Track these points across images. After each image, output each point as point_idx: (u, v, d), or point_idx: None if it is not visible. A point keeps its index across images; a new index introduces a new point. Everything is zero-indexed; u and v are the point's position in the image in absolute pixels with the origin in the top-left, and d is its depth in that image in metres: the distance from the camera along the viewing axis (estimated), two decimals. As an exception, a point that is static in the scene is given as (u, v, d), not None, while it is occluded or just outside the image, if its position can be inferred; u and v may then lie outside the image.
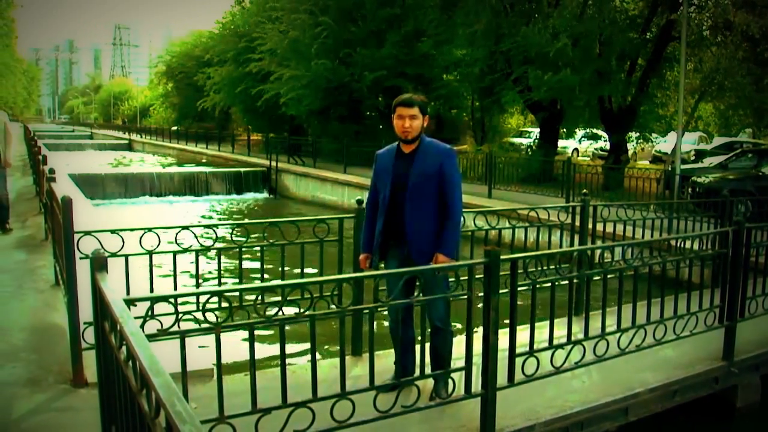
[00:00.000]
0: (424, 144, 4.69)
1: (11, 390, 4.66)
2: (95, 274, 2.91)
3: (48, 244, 9.12)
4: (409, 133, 4.60)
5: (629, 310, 5.14)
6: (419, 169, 4.59)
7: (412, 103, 4.62)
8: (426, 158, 4.62)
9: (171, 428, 1.69)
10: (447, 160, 4.63)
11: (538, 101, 20.45)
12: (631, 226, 8.03)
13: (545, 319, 4.89)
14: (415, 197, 4.57)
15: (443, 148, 4.71)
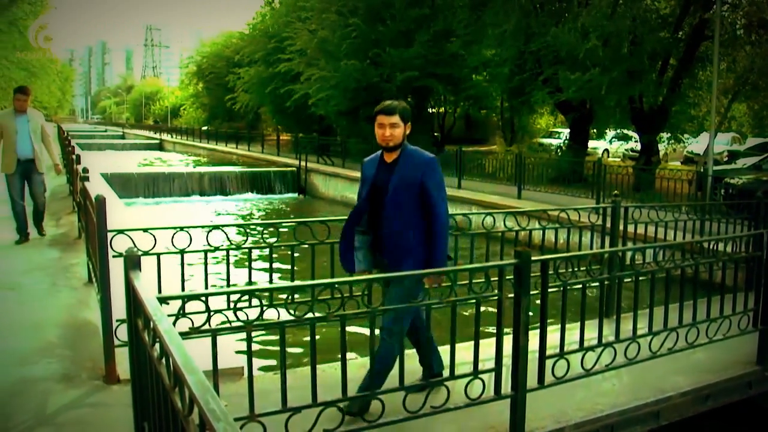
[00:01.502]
0: (405, 153, 4.53)
1: (46, 385, 4.73)
2: (129, 272, 2.94)
3: (81, 243, 9.24)
4: (390, 140, 4.46)
5: (661, 313, 5.09)
6: (398, 179, 4.45)
7: (392, 111, 4.45)
8: (407, 168, 4.47)
9: (204, 426, 1.70)
10: (429, 171, 4.45)
11: (567, 101, 20.32)
12: (662, 227, 7.94)
13: (575, 320, 4.87)
14: (392, 207, 4.44)
15: (426, 158, 4.51)
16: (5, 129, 9.38)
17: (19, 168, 9.46)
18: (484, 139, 39.46)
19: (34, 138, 9.49)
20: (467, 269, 4.26)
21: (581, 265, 5.44)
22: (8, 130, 9.37)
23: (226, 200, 24.65)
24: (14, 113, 9.47)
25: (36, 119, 9.68)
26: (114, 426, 4.15)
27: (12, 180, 9.51)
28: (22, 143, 9.39)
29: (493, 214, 6.41)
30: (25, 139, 9.41)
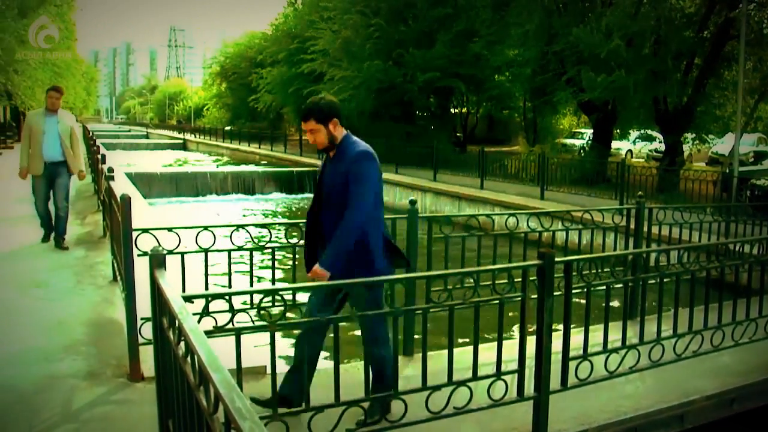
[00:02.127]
0: (340, 148, 4.31)
1: (72, 382, 4.78)
2: (154, 270, 2.96)
3: (106, 241, 9.32)
4: (317, 145, 4.34)
5: (686, 315, 5.05)
6: (330, 177, 4.30)
7: (306, 117, 4.30)
8: (338, 163, 4.27)
9: (230, 424, 1.71)
10: (353, 166, 4.18)
11: (591, 102, 20.21)
12: (687, 229, 7.88)
13: (599, 322, 4.84)
14: (327, 207, 4.31)
15: (353, 152, 4.24)
16: (33, 129, 9.00)
17: (45, 171, 9.07)
18: (506, 139, 39.35)
19: (64, 140, 9.07)
20: (490, 270, 4.24)
21: (605, 267, 5.41)
22: (36, 131, 8.99)
23: (248, 200, 24.76)
24: (45, 113, 9.07)
25: (66, 121, 9.25)
26: (138, 423, 4.18)
27: (37, 184, 9.21)
28: (49, 145, 8.98)
29: (516, 214, 6.38)
30: (53, 140, 9.00)
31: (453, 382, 3.94)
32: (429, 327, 4.12)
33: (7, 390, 4.62)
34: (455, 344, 4.06)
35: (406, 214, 5.67)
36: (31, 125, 9.05)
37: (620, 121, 22.68)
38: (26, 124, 9.27)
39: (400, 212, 5.91)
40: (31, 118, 9.24)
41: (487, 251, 6.46)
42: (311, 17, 34.20)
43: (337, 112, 4.34)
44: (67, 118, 9.34)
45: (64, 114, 9.34)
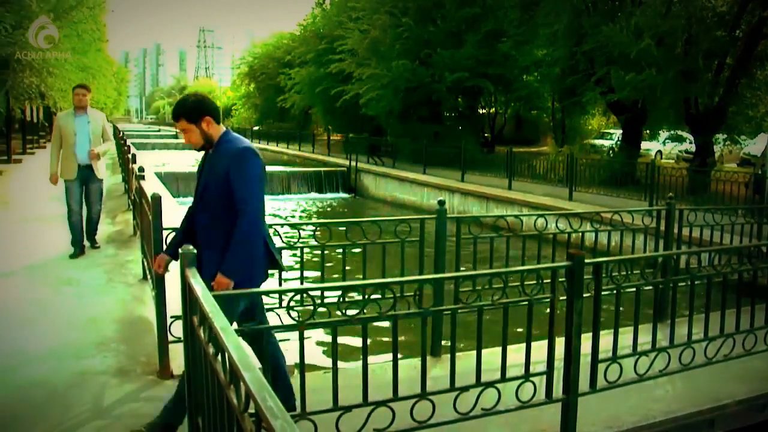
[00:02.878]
0: (219, 144, 4.08)
1: (103, 379, 4.84)
2: (185, 269, 2.99)
3: (136, 240, 9.42)
4: (193, 145, 4.13)
5: (717, 318, 4.99)
6: (208, 173, 4.09)
7: (176, 117, 4.09)
8: (215, 163, 4.04)
9: (260, 422, 1.73)
10: (235, 162, 3.95)
11: (620, 102, 20.04)
12: (718, 231, 7.79)
13: (628, 324, 4.80)
14: (202, 207, 4.10)
15: (234, 149, 4.00)
16: (64, 131, 8.65)
17: (79, 174, 8.72)
18: (534, 139, 39.14)
19: (94, 140, 8.73)
20: (519, 271, 4.22)
21: (634, 269, 5.36)
22: (67, 132, 8.63)
23: (276, 199, 24.87)
24: (74, 113, 8.71)
25: (97, 120, 8.90)
26: (168, 420, 4.22)
27: (71, 187, 8.76)
28: (81, 147, 8.65)
29: (545, 215, 6.35)
30: (85, 141, 8.66)
31: (481, 383, 3.93)
32: (457, 327, 4.11)
33: (40, 385, 4.70)
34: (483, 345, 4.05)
35: (434, 215, 5.67)
36: (61, 126, 8.72)
37: (650, 122, 22.46)
38: (56, 125, 8.95)
39: (428, 213, 5.91)
40: (60, 119, 8.91)
41: (515, 252, 6.44)
42: (339, 17, 34.27)
43: (209, 109, 4.10)
44: (97, 117, 9.01)
45: (94, 113, 9.03)
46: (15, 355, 5.26)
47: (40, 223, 10.77)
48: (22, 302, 6.68)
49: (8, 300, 6.80)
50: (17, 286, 7.35)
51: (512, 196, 17.92)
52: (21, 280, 7.61)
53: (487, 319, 3.99)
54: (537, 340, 4.20)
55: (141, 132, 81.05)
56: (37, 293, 6.98)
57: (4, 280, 7.61)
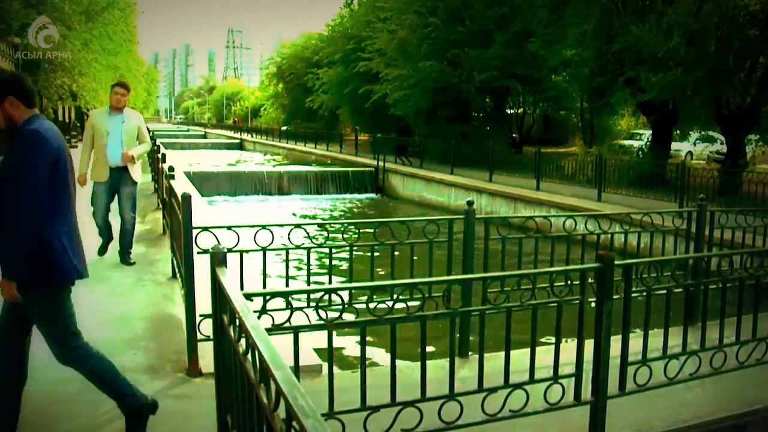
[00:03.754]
0: (18, 133, 3.70)
1: (133, 376, 4.87)
2: (215, 268, 3.00)
3: (166, 239, 9.50)
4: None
5: (749, 322, 4.92)
6: (2, 165, 3.70)
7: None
8: (8, 153, 3.69)
9: (291, 421, 1.73)
10: (17, 151, 3.63)
11: (650, 102, 19.84)
12: (750, 233, 7.69)
13: (658, 327, 4.76)
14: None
15: (18, 136, 3.68)
16: (96, 130, 8.08)
17: (110, 177, 8.15)
18: (563, 140, 38.93)
19: (127, 141, 8.12)
20: (548, 272, 4.20)
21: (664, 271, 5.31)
22: (99, 131, 8.06)
23: (304, 199, 24.99)
24: (109, 112, 8.20)
25: (133, 120, 8.32)
26: (197, 417, 4.26)
27: (98, 191, 8.24)
28: (113, 147, 8.05)
29: (573, 216, 6.31)
30: (117, 142, 8.07)
31: (509, 384, 3.92)
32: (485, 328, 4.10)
33: (71, 381, 4.74)
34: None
35: (462, 215, 5.66)
36: (93, 125, 8.16)
37: (680, 122, 22.24)
38: (88, 123, 8.42)
39: (456, 213, 5.91)
40: (93, 118, 8.33)
41: (544, 253, 6.41)
42: (367, 18, 34.36)
43: (14, 88, 3.72)
44: (133, 117, 8.44)
45: (130, 113, 8.48)
46: (46, 351, 5.32)
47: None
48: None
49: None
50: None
51: (540, 197, 17.84)
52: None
53: (514, 320, 3.97)
54: (565, 342, 4.17)
55: (170, 132, 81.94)
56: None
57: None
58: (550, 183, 19.38)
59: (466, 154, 24.55)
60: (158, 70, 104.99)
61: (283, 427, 1.82)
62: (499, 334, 4.04)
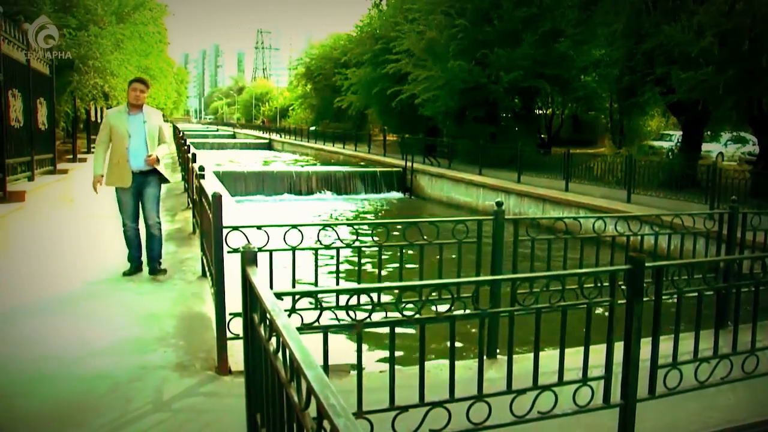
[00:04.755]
0: None
1: (163, 373, 4.94)
2: (246, 267, 3.02)
3: (195, 238, 9.58)
4: None
5: (782, 325, 4.86)
6: None
7: None
8: None
9: (321, 420, 1.74)
10: None
11: (680, 102, 19.63)
12: (784, 236, 7.58)
13: (687, 330, 4.71)
14: None
15: None
16: (115, 131, 7.44)
17: (133, 182, 7.53)
18: (592, 140, 38.65)
19: (150, 143, 7.54)
20: (578, 273, 4.18)
21: (695, 273, 5.25)
22: (119, 133, 7.42)
23: (333, 199, 25.07)
24: (127, 110, 7.51)
25: (154, 119, 7.70)
26: (226, 415, 4.30)
27: (123, 197, 7.62)
28: (136, 151, 7.47)
29: (603, 218, 6.27)
30: (140, 144, 7.48)
31: (538, 386, 3.90)
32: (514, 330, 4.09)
33: (104, 377, 4.82)
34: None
35: (490, 216, 5.65)
36: (111, 126, 7.47)
37: (711, 123, 21.98)
38: (105, 123, 7.64)
39: (484, 214, 5.89)
40: (111, 117, 7.58)
41: (573, 255, 6.38)
42: (396, 19, 34.39)
43: None
44: (154, 116, 7.79)
45: (150, 111, 7.83)
46: (79, 347, 5.41)
47: (103, 220, 11.00)
48: (85, 296, 6.87)
49: (72, 293, 7.00)
50: (81, 280, 7.56)
51: (569, 198, 17.74)
52: (84, 273, 7.82)
53: (542, 321, 3.95)
54: (595, 344, 4.15)
55: (199, 132, 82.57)
56: (99, 287, 7.16)
57: (69, 273, 7.83)
58: (579, 184, 19.26)
59: (494, 154, 24.48)
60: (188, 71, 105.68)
61: (313, 426, 1.83)
62: (528, 335, 4.03)
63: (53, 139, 12.50)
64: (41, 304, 6.58)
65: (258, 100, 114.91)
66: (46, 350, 5.34)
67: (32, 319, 6.09)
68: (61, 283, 7.43)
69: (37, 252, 8.78)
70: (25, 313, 6.29)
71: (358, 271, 5.56)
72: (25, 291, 7.04)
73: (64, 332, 5.78)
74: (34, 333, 5.72)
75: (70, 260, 8.53)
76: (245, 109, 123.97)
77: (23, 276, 7.64)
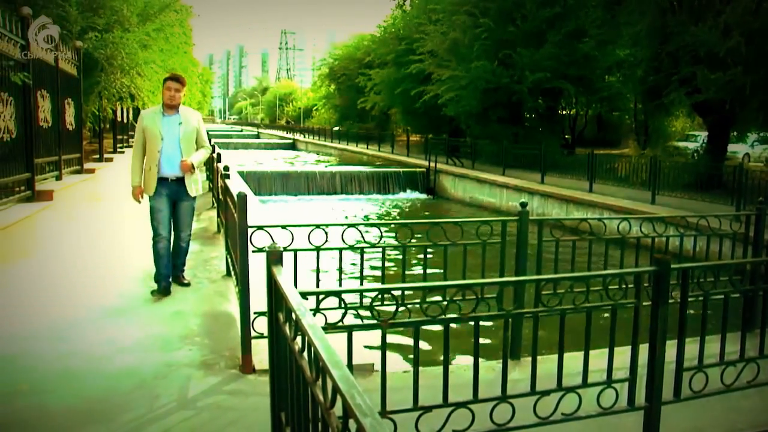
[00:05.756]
0: None
1: (188, 371, 4.99)
2: (271, 267, 3.04)
3: (220, 237, 9.64)
4: None
5: (811, 329, 4.80)
6: None
7: None
8: None
9: (347, 419, 1.75)
10: None
11: (706, 103, 19.43)
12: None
13: (712, 333, 4.67)
14: None
15: None
16: (149, 134, 6.82)
17: (167, 191, 6.90)
18: (616, 141, 38.40)
19: (186, 148, 6.89)
20: (603, 275, 4.16)
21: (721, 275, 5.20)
22: (152, 136, 6.80)
23: (356, 199, 25.12)
24: (162, 111, 6.88)
25: (191, 121, 6.99)
26: (250, 413, 4.33)
27: (156, 206, 6.93)
28: (169, 155, 6.83)
29: (628, 219, 6.23)
30: (174, 149, 6.84)
31: (563, 387, 3.89)
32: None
33: (131, 374, 4.88)
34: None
35: (514, 216, 5.63)
36: (145, 128, 6.85)
37: (737, 124, 21.73)
38: (139, 125, 6.98)
39: (507, 214, 5.88)
40: (146, 119, 6.94)
41: (597, 256, 6.35)
42: (419, 19, 34.39)
43: None
44: (191, 118, 7.05)
45: (187, 112, 7.09)
46: (106, 345, 5.48)
47: (130, 218, 11.11)
48: (111, 294, 6.94)
49: (98, 291, 7.08)
50: (106, 277, 7.65)
51: (593, 199, 17.64)
52: (110, 271, 7.91)
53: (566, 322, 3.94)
54: (619, 346, 4.13)
55: (224, 132, 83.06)
56: (124, 286, 7.23)
57: (95, 271, 7.93)
58: (603, 185, 19.15)
59: (517, 155, 24.41)
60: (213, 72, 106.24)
61: (339, 426, 1.84)
62: (552, 336, 4.01)
63: (80, 139, 12.62)
64: (68, 302, 6.67)
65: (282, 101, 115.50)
66: (72, 347, 5.42)
67: (59, 317, 6.17)
68: (87, 281, 7.53)
69: (64, 250, 8.90)
70: (52, 310, 6.38)
71: (382, 271, 5.58)
72: (52, 288, 7.15)
73: (90, 330, 5.86)
74: (61, 330, 5.80)
75: (97, 258, 8.64)
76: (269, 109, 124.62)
77: (51, 274, 7.74)
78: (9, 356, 5.18)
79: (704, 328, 4.36)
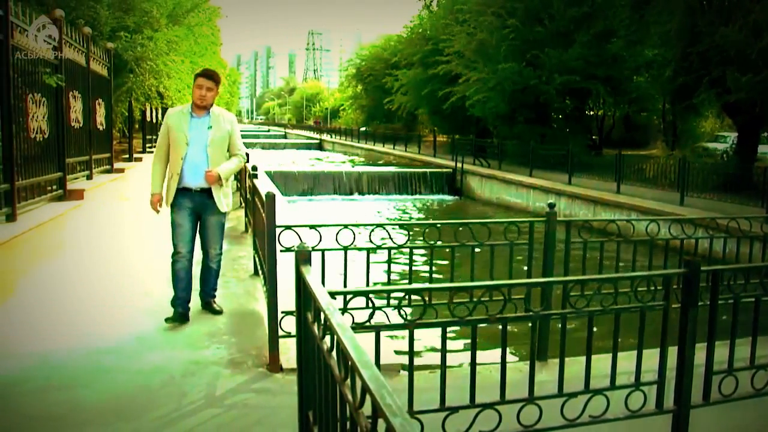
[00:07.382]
0: None
1: (216, 369, 5.03)
2: (300, 266, 3.05)
3: (248, 237, 9.70)
4: None
5: None
6: None
7: None
8: None
9: (376, 419, 1.76)
10: None
11: (736, 104, 19.19)
12: None
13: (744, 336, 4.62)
14: None
15: None
16: (173, 137, 5.94)
17: (189, 203, 6.03)
18: (644, 142, 37.99)
19: (214, 156, 5.95)
20: (631, 277, 4.13)
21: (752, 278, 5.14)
22: (177, 140, 5.91)
23: (383, 199, 25.14)
24: (190, 112, 5.97)
25: (223, 125, 6.04)
26: (278, 412, 4.35)
27: (177, 218, 6.06)
28: (193, 163, 5.91)
29: (657, 220, 6.19)
30: (201, 155, 5.92)
31: (590, 389, 3.87)
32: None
33: (159, 371, 4.94)
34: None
35: (542, 217, 5.61)
36: (170, 128, 5.97)
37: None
38: (164, 126, 6.10)
39: (534, 215, 5.86)
40: (171, 118, 6.04)
41: (625, 257, 6.30)
42: (446, 20, 34.33)
43: None
44: (224, 121, 6.09)
45: (220, 115, 6.12)
46: (135, 342, 5.55)
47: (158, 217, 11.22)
48: (140, 293, 7.02)
49: (126, 289, 7.18)
50: (134, 275, 7.74)
51: (621, 200, 17.50)
52: (139, 269, 8.00)
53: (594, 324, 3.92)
54: (647, 348, 4.10)
55: (251, 132, 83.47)
56: (152, 284, 7.30)
57: (125, 269, 8.04)
58: (631, 186, 18.99)
59: (545, 156, 24.29)
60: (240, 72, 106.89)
61: (367, 425, 1.85)
62: (579, 338, 3.99)
63: (111, 139, 12.75)
64: (98, 299, 6.76)
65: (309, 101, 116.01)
66: (102, 344, 5.49)
67: (89, 314, 6.27)
68: (116, 278, 7.63)
69: (94, 248, 9.00)
70: (83, 307, 6.47)
71: (410, 272, 5.58)
72: (82, 285, 7.25)
73: (120, 327, 5.93)
74: (92, 327, 5.89)
75: (126, 256, 8.76)
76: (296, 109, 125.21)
77: (82, 272, 7.84)
78: (41, 352, 5.26)
79: (735, 331, 4.31)
